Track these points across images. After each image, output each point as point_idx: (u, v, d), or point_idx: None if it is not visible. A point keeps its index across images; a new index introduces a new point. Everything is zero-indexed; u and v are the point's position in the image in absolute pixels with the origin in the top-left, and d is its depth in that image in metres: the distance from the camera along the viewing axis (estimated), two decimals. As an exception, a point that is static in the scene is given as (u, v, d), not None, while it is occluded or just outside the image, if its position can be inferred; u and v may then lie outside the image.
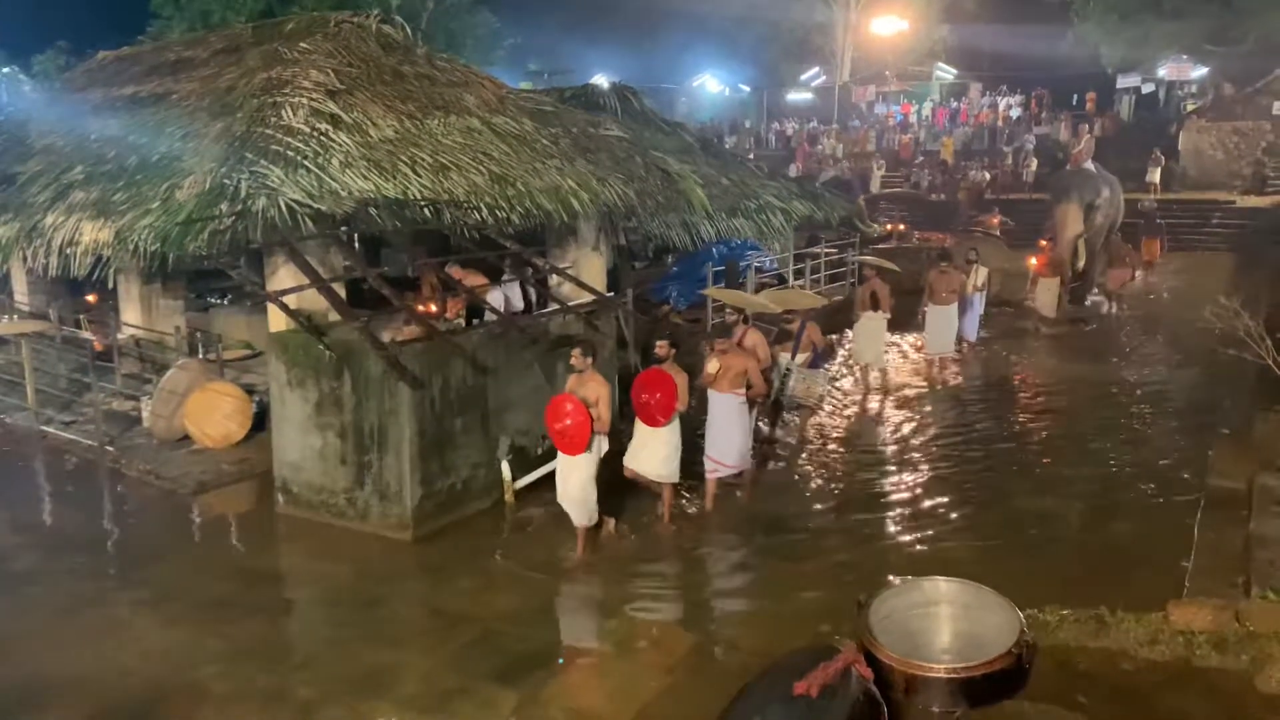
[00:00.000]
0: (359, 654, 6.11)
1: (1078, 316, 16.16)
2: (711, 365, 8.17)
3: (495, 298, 10.86)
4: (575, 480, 7.21)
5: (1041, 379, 12.87)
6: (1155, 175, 27.07)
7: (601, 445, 7.27)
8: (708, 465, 8.26)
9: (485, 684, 6.02)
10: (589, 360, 7.23)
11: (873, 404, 11.54)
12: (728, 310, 8.79)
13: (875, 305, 12.00)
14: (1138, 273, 18.91)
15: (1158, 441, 9.96)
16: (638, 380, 7.67)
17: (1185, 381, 12.25)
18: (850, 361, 12.84)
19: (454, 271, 10.77)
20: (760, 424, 9.62)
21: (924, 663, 4.87)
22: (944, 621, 5.36)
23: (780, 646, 5.34)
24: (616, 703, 5.51)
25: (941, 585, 5.56)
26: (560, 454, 7.29)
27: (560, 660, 6.22)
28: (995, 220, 22.42)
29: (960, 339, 13.42)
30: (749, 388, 8.25)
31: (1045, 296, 15.83)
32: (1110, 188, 17.25)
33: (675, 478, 7.79)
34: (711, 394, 8.20)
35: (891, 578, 6.54)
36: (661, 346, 7.67)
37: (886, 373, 12.46)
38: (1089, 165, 18.60)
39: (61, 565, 7.44)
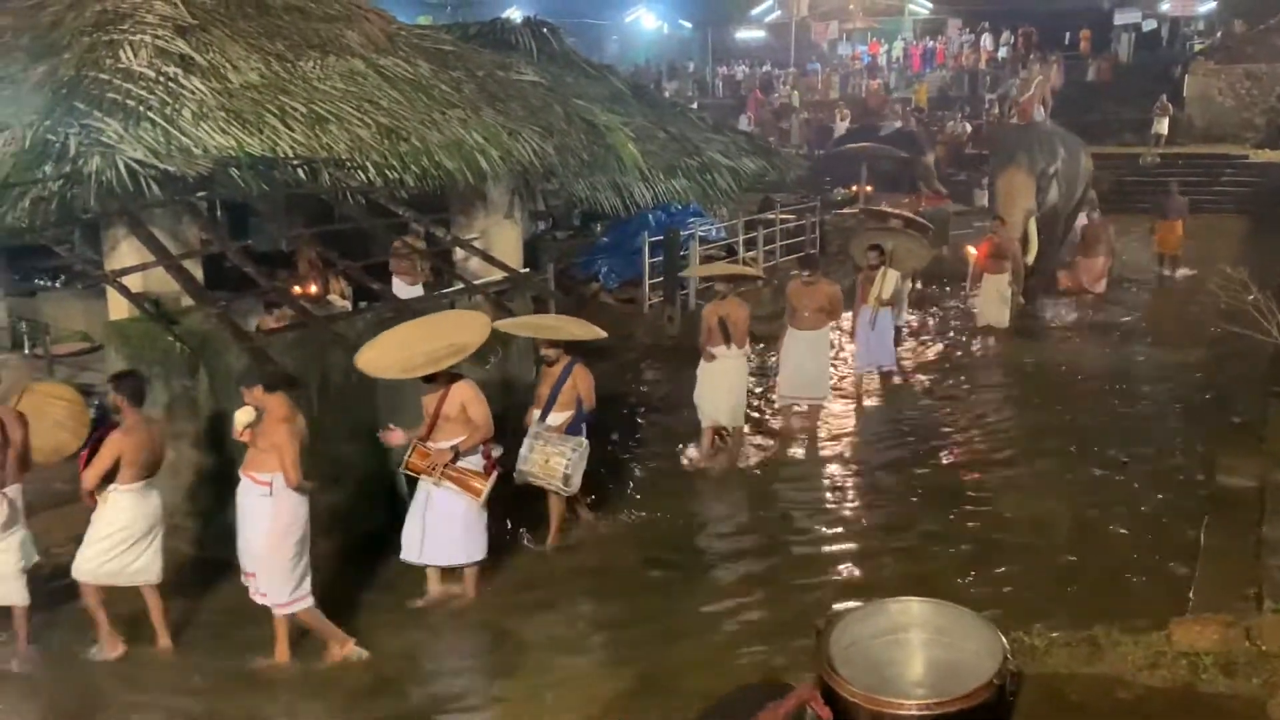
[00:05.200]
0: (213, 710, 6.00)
1: (1032, 322, 14.84)
2: (242, 416, 6.37)
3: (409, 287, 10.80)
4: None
5: (994, 404, 11.79)
6: (1163, 126, 27.34)
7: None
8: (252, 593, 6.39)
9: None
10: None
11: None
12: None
13: (726, 337, 9.51)
14: (1178, 270, 17.80)
15: (1155, 437, 10.21)
16: None
17: (1188, 366, 12.58)
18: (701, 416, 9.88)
19: (407, 243, 10.62)
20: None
21: (892, 698, 4.93)
22: (915, 649, 5.42)
23: (725, 686, 5.38)
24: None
25: (913, 607, 5.62)
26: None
27: (460, 713, 6.19)
28: None
29: (875, 368, 11.97)
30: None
31: (992, 300, 14.09)
32: (1070, 149, 16.56)
33: None
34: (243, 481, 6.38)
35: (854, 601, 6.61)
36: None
37: (742, 432, 10.06)
38: (1040, 117, 17.68)
39: None
